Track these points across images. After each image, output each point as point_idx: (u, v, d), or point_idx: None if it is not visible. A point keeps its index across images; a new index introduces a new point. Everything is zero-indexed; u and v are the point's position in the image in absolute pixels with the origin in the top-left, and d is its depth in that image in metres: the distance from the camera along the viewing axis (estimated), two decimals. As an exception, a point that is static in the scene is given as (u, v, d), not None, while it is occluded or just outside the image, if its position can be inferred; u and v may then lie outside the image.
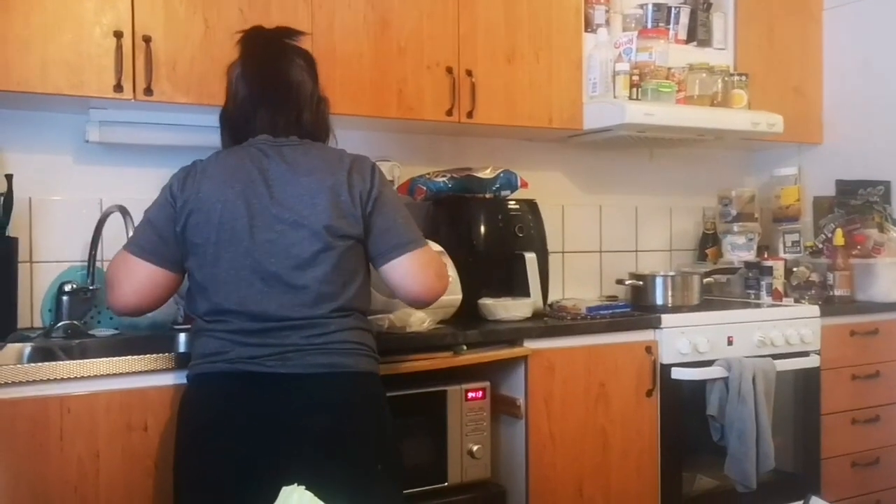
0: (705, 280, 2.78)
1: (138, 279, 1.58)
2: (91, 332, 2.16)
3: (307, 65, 1.70)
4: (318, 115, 1.70)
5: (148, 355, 1.72)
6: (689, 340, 2.43)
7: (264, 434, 1.47)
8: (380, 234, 1.60)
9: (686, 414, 2.45)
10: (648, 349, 2.39)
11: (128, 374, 1.69)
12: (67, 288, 2.15)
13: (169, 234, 1.57)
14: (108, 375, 1.68)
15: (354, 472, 1.50)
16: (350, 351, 1.56)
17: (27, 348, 2.00)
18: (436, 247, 2.30)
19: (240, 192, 1.55)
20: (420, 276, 1.63)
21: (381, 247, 1.61)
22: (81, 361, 1.67)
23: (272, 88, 1.65)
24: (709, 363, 2.45)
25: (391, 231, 1.61)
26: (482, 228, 2.48)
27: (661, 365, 2.41)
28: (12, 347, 1.98)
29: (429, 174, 2.56)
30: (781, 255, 3.12)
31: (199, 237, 1.55)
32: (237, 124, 1.67)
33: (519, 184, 2.60)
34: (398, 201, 1.68)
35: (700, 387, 2.45)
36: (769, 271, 2.90)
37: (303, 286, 1.53)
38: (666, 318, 2.42)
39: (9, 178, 2.08)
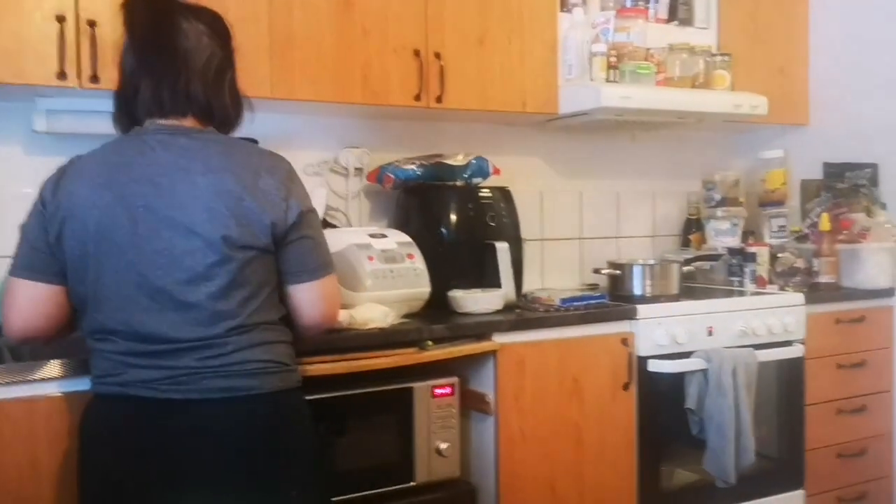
0: (687, 268, 2.70)
1: (20, 301, 1.41)
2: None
3: (210, 29, 1.47)
4: (218, 87, 1.47)
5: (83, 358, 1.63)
6: (666, 331, 2.35)
7: (156, 465, 1.36)
8: (294, 253, 1.46)
9: (664, 407, 2.38)
10: (624, 341, 2.31)
11: (66, 377, 1.61)
12: (16, 284, 2.07)
13: (42, 244, 1.39)
14: (47, 379, 1.60)
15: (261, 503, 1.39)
16: (251, 372, 1.40)
17: (-26, 349, 1.92)
18: (401, 235, 2.24)
19: (119, 195, 1.36)
20: (321, 303, 1.52)
21: (291, 267, 1.47)
22: (16, 365, 1.60)
23: (156, 56, 1.43)
24: (687, 355, 2.37)
25: (313, 252, 1.49)
26: (452, 217, 2.40)
27: (638, 357, 2.33)
28: (-42, 348, 1.90)
29: (398, 161, 2.48)
30: (767, 240, 3.04)
31: (75, 248, 1.37)
32: (127, 101, 1.46)
33: (491, 171, 2.51)
34: (316, 219, 1.54)
35: (678, 379, 2.37)
36: (753, 258, 2.82)
37: (195, 303, 1.35)
38: (642, 309, 2.34)
39: (-49, 170, 1.99)
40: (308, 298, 1.50)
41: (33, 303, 1.42)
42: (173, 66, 1.43)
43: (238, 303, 1.39)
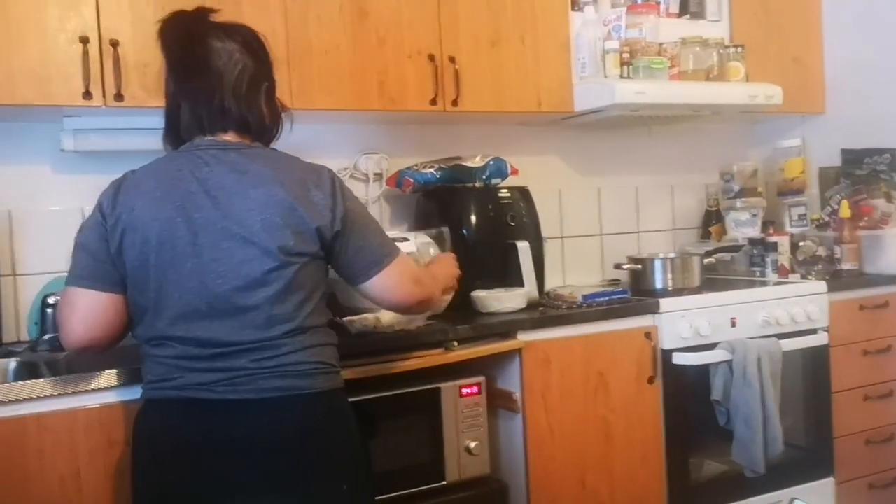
0: (707, 260, 2.70)
1: (82, 310, 1.46)
2: (78, 343, 2.13)
3: (242, 45, 1.53)
4: (253, 102, 1.52)
5: (123, 368, 1.68)
6: (690, 324, 2.36)
7: (216, 464, 1.41)
8: (354, 253, 1.52)
9: (690, 399, 2.39)
10: (648, 335, 2.33)
11: (105, 388, 1.66)
12: (51, 300, 2.12)
13: (104, 255, 1.45)
14: (86, 391, 1.64)
15: (315, 499, 1.44)
16: (305, 372, 1.46)
17: (11, 364, 1.98)
18: (423, 238, 2.27)
19: (179, 208, 1.42)
20: (398, 288, 1.57)
21: (356, 266, 1.53)
22: (56, 378, 1.64)
23: (190, 78, 1.50)
24: (711, 346, 2.38)
25: (365, 249, 1.53)
26: (473, 218, 2.42)
27: (662, 351, 2.34)
28: (-4, 364, 1.96)
29: (416, 165, 2.51)
30: (788, 229, 3.03)
31: (135, 259, 1.44)
32: (173, 121, 1.53)
33: (509, 171, 2.54)
34: (366, 214, 1.58)
35: (703, 371, 2.38)
36: (774, 247, 2.82)
37: (253, 307, 1.42)
38: (665, 303, 2.36)
39: (-16, 192, 2.05)
40: (380, 288, 1.55)
41: (95, 312, 1.46)
42: (208, 85, 1.49)
43: (293, 307, 1.45)
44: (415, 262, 1.76)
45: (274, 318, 1.43)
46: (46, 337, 2.09)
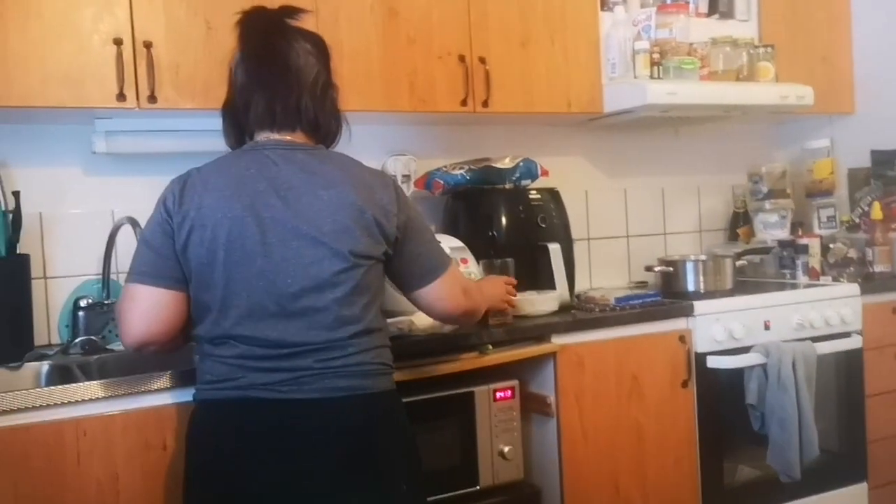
0: (739, 262, 2.67)
1: (143, 305, 1.44)
2: (109, 346, 2.12)
3: (316, 49, 1.56)
4: (324, 103, 1.55)
5: (162, 372, 1.67)
6: (724, 327, 2.34)
7: (280, 464, 1.40)
8: (410, 260, 1.55)
9: (724, 403, 2.36)
10: (682, 338, 2.30)
11: (142, 392, 1.65)
12: (83, 303, 2.12)
13: (168, 251, 1.44)
14: (122, 395, 1.63)
15: (379, 497, 1.44)
16: (367, 373, 1.46)
17: (44, 367, 1.97)
18: (454, 241, 2.25)
19: (248, 206, 1.42)
20: (450, 298, 1.61)
21: (412, 274, 1.57)
22: (93, 382, 1.62)
23: (269, 72, 1.50)
24: (745, 350, 2.35)
25: (422, 257, 1.56)
26: (503, 220, 2.40)
27: (696, 354, 2.32)
28: (29, 367, 1.95)
29: (446, 167, 2.49)
30: (816, 231, 3.00)
31: (204, 256, 1.42)
32: (237, 115, 1.53)
33: (539, 172, 2.51)
34: (424, 222, 1.61)
35: (738, 375, 2.35)
36: (804, 249, 2.80)
37: (322, 308, 1.42)
38: (699, 305, 2.33)
39: (16, 194, 2.03)
40: (433, 297, 1.59)
41: (156, 308, 1.45)
42: (286, 81, 1.51)
43: (360, 308, 1.46)
44: (464, 276, 1.81)
45: (342, 319, 1.44)
46: (78, 340, 2.09)
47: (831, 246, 2.85)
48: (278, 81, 1.50)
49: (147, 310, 1.45)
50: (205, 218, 1.42)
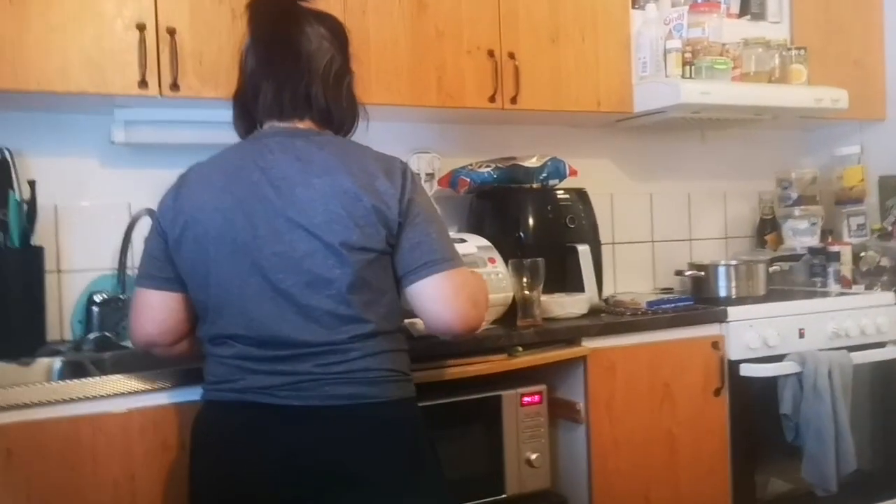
0: (773, 268, 2.60)
1: (149, 309, 1.42)
2: (123, 343, 2.05)
3: (331, 34, 1.46)
4: (337, 91, 1.45)
5: (180, 368, 1.59)
6: (758, 334, 2.26)
7: (277, 474, 1.31)
8: (408, 249, 1.36)
9: (757, 413, 2.28)
10: (715, 345, 2.22)
11: (162, 389, 1.57)
12: (97, 298, 2.05)
13: (159, 252, 1.41)
14: (141, 392, 1.56)
15: None
16: (374, 380, 1.34)
17: (57, 363, 1.90)
18: (480, 240, 2.18)
19: (240, 198, 1.34)
20: (451, 300, 1.36)
21: (408, 264, 1.36)
22: (111, 377, 1.55)
23: (278, 58, 1.41)
24: (780, 358, 2.28)
25: (422, 246, 1.36)
26: (530, 220, 2.33)
27: (729, 361, 2.24)
28: (41, 363, 1.88)
29: (471, 165, 2.42)
30: (846, 239, 2.92)
31: (196, 253, 1.35)
32: (247, 103, 1.45)
33: (567, 172, 2.45)
34: (433, 212, 1.43)
35: (771, 383, 2.27)
36: (836, 257, 2.72)
37: (316, 307, 1.31)
38: (733, 311, 2.25)
39: (32, 184, 1.97)
40: (430, 296, 1.37)
41: (152, 310, 1.42)
42: (296, 68, 1.41)
43: (360, 307, 1.34)
44: (480, 282, 1.53)
45: (340, 319, 1.32)
46: (91, 336, 2.02)
47: (862, 254, 2.78)
48: (288, 68, 1.41)
49: (145, 312, 1.43)
50: (197, 212, 1.36)
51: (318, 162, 1.36)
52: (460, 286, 1.39)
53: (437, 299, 1.37)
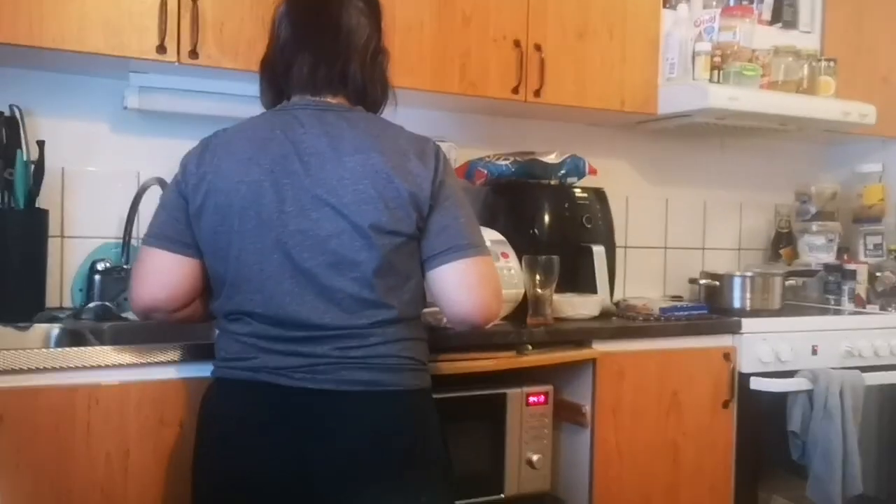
0: (789, 282, 2.55)
1: (150, 269, 1.35)
2: (124, 314, 2.00)
3: (368, 9, 1.41)
4: (374, 70, 1.40)
5: (184, 343, 1.54)
6: (770, 348, 2.21)
7: (285, 455, 1.27)
8: (436, 232, 1.33)
9: (764, 428, 2.23)
10: (727, 356, 2.17)
11: (163, 363, 1.52)
12: (100, 266, 2.00)
13: (181, 214, 1.34)
14: (141, 364, 1.50)
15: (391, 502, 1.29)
16: (392, 367, 1.31)
17: (55, 330, 1.85)
18: (494, 234, 2.12)
19: (267, 171, 1.28)
20: (475, 288, 1.33)
21: (435, 247, 1.33)
22: (111, 348, 1.50)
23: (317, 30, 1.36)
24: (791, 374, 2.22)
25: (450, 230, 1.33)
26: (546, 217, 2.28)
27: (740, 374, 2.19)
28: (39, 328, 1.83)
29: (489, 157, 2.37)
30: (861, 258, 2.87)
31: (217, 224, 1.30)
32: (276, 72, 1.39)
33: (587, 170, 2.39)
34: (463, 196, 1.39)
35: (781, 399, 2.22)
36: (852, 275, 2.68)
37: (339, 289, 1.27)
38: (747, 323, 2.20)
39: (40, 144, 1.92)
40: (456, 281, 1.33)
41: (163, 273, 1.35)
42: (335, 43, 1.36)
43: (384, 292, 1.30)
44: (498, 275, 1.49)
45: (362, 303, 1.28)
46: (91, 304, 1.97)
47: (878, 274, 2.73)
48: (327, 43, 1.36)
49: (154, 273, 1.35)
50: (221, 182, 1.30)
51: (350, 139, 1.32)
52: (485, 275, 1.35)
53: (461, 285, 1.33)
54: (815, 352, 2.29)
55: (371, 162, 1.29)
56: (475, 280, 1.34)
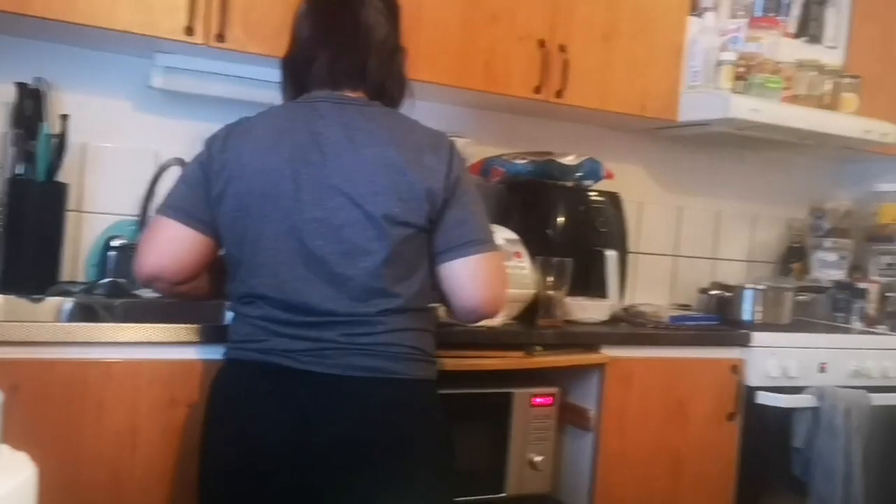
0: (801, 297, 2.55)
1: (161, 237, 1.38)
2: (135, 292, 2.00)
3: (387, 8, 1.46)
4: (391, 66, 1.45)
5: (199, 325, 1.54)
6: (779, 363, 2.21)
7: (292, 438, 1.29)
8: (452, 226, 1.36)
9: (768, 443, 2.23)
10: (734, 368, 2.17)
11: (176, 343, 1.53)
12: (115, 243, 2.01)
13: (202, 192, 1.37)
14: (155, 343, 1.51)
15: (390, 490, 1.31)
16: (396, 355, 1.33)
17: (67, 304, 1.85)
18: (508, 232, 2.13)
19: (287, 160, 1.32)
20: (489, 281, 1.39)
21: (451, 240, 1.36)
22: (127, 325, 1.51)
23: (336, 28, 1.41)
24: (798, 390, 2.22)
25: (466, 225, 1.37)
26: (561, 219, 2.28)
27: (747, 387, 2.19)
28: (51, 301, 1.83)
29: (506, 155, 2.36)
30: (872, 277, 2.86)
31: (236, 209, 1.34)
32: (297, 70, 1.43)
33: (604, 174, 2.39)
34: (476, 192, 1.43)
35: (786, 415, 2.22)
36: (862, 294, 2.67)
37: (350, 277, 1.30)
38: (756, 337, 2.20)
39: (64, 118, 1.92)
40: (469, 274, 1.37)
41: (174, 243, 1.38)
42: (353, 40, 1.41)
43: (392, 282, 1.32)
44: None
45: (371, 292, 1.31)
46: (105, 280, 1.97)
47: (889, 294, 2.72)
48: (346, 40, 1.41)
49: (164, 242, 1.38)
50: (242, 169, 1.34)
51: (368, 132, 1.35)
52: (497, 270, 1.43)
53: (475, 278, 1.38)
54: (822, 369, 2.29)
55: (387, 155, 1.33)
56: (489, 274, 1.39)
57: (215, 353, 1.48)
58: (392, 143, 1.34)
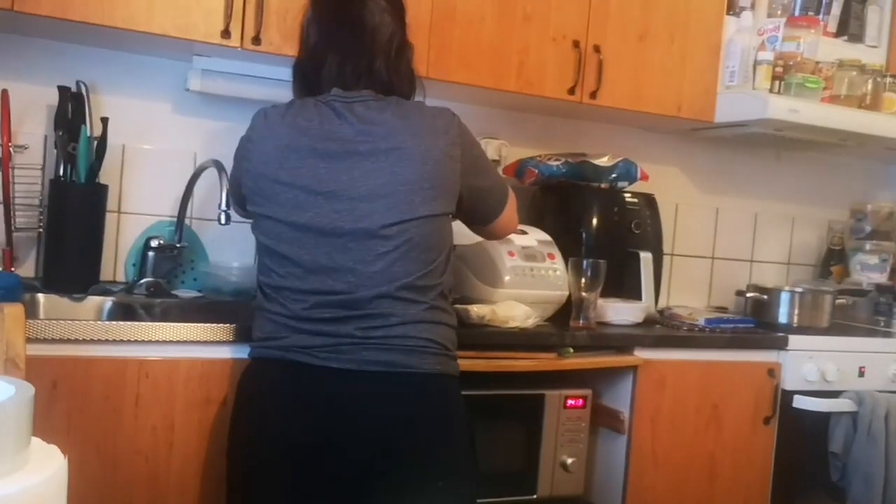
0: (839, 300, 2.50)
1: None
2: (174, 292, 2.04)
3: (391, 6, 1.49)
4: (399, 64, 1.49)
5: (234, 324, 1.57)
6: (816, 367, 2.17)
7: (313, 434, 1.32)
8: (483, 196, 1.54)
9: (805, 448, 2.19)
10: (771, 372, 2.14)
11: (212, 342, 1.55)
12: (154, 244, 2.04)
13: (235, 189, 1.56)
14: (191, 342, 1.54)
15: (406, 488, 1.32)
16: (412, 348, 1.34)
17: (107, 303, 1.90)
18: (541, 234, 2.12)
19: (304, 156, 1.37)
20: (513, 220, 1.70)
21: (484, 208, 1.58)
22: (165, 324, 1.54)
23: (342, 31, 1.45)
24: (836, 394, 2.18)
25: (494, 189, 1.58)
26: (595, 220, 2.27)
27: (783, 391, 2.15)
28: (92, 300, 1.88)
29: (541, 157, 2.36)
30: (916, 280, 2.81)
31: (261, 206, 1.41)
32: (308, 74, 1.49)
33: (639, 175, 2.37)
34: (486, 155, 1.62)
35: (823, 419, 2.18)
36: (904, 298, 2.61)
37: (367, 267, 1.34)
38: (794, 340, 2.17)
39: (104, 121, 1.96)
40: (503, 225, 1.67)
41: None
42: (359, 42, 1.45)
43: (407, 271, 1.36)
44: None
45: (387, 280, 1.34)
46: (144, 280, 2.01)
47: (931, 299, 2.66)
48: (351, 42, 1.46)
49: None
50: (262, 167, 1.41)
51: (381, 124, 1.40)
52: (514, 204, 1.68)
53: (507, 224, 1.68)
54: (861, 373, 2.24)
55: (402, 146, 1.38)
56: (511, 214, 1.68)
57: (245, 352, 1.50)
58: (407, 132, 1.40)
